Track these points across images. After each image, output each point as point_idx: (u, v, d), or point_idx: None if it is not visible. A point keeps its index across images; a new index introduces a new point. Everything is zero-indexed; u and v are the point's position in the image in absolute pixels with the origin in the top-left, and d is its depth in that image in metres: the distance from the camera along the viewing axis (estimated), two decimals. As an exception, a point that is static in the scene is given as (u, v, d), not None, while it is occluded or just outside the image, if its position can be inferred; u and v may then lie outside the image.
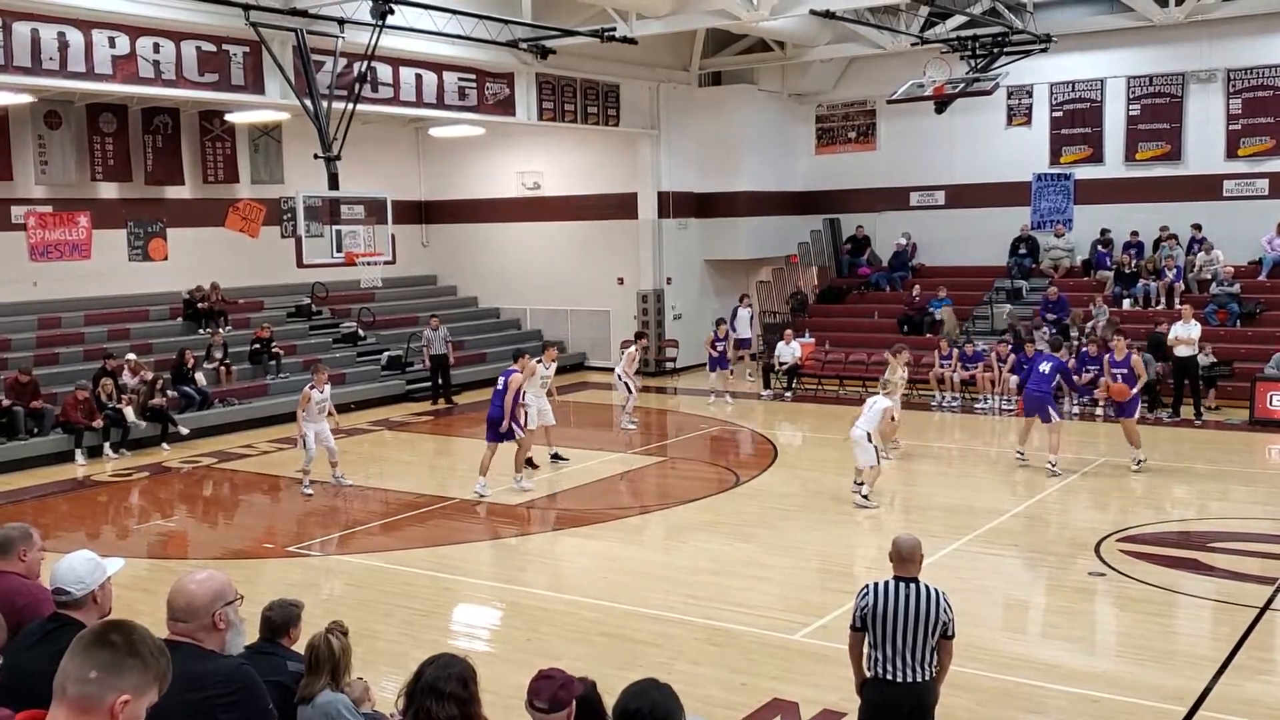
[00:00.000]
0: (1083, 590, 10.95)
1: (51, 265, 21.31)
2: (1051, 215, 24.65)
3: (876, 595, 6.15)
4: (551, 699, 4.07)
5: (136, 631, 2.52)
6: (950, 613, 6.16)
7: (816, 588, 11.20)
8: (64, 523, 14.43)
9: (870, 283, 26.11)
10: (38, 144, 20.93)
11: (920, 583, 6.19)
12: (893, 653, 6.09)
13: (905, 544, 6.30)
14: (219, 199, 23.92)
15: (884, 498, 14.38)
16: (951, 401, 21.19)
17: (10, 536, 5.11)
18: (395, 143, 27.50)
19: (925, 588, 6.17)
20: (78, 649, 2.44)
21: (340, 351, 24.01)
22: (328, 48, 17.28)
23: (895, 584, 6.17)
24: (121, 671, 2.41)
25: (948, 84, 20.18)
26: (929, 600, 6.11)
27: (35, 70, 15.43)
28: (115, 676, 2.40)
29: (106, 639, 2.46)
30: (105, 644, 2.44)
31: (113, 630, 2.49)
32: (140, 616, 2.88)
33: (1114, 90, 23.90)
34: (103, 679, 2.39)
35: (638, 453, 17.89)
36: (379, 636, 9.45)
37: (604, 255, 26.65)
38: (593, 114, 24.04)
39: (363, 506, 15.15)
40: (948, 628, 6.13)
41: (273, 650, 5.20)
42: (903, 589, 6.14)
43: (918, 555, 6.28)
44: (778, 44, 24.84)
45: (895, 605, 6.08)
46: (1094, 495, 14.85)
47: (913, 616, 6.05)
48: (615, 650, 9.27)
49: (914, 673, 6.08)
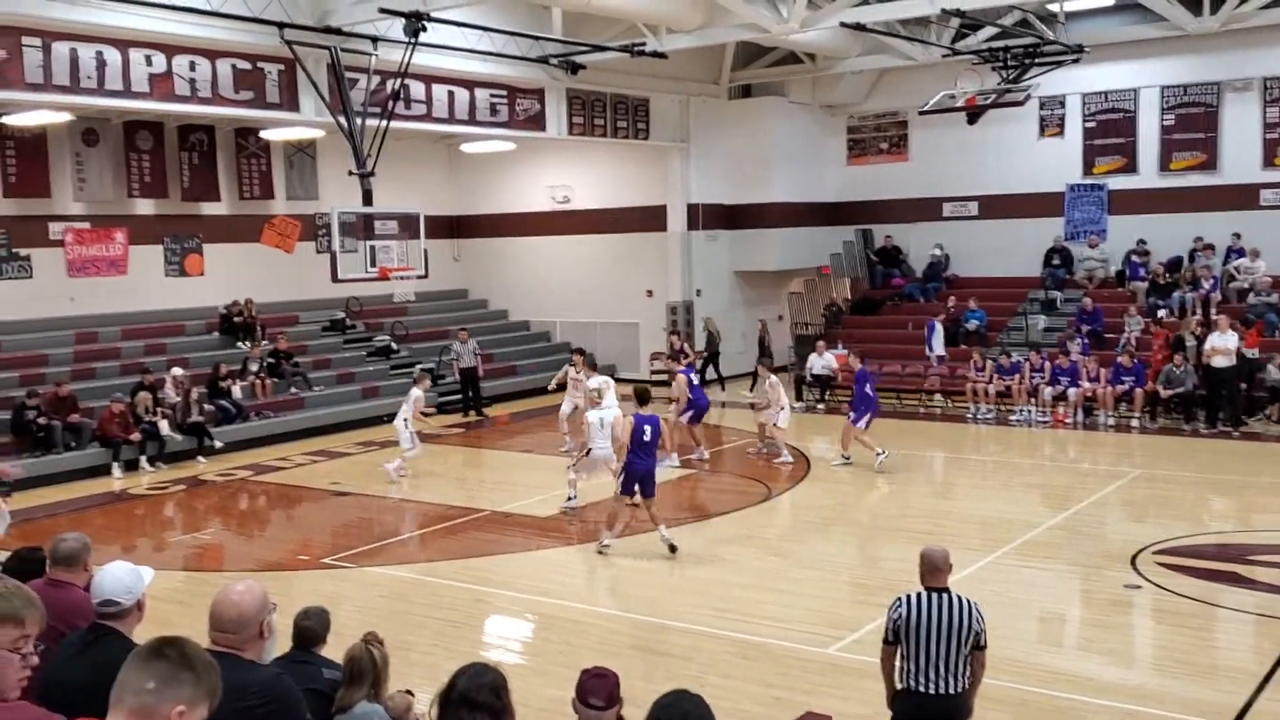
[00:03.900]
0: (1119, 603, 10.85)
1: (89, 281, 21.55)
2: (1085, 226, 24.50)
3: (909, 607, 6.13)
4: (608, 696, 4.21)
5: (190, 646, 2.58)
6: (983, 623, 6.13)
7: (849, 601, 11.16)
8: (101, 536, 14.56)
9: (904, 294, 26.03)
10: (75, 161, 21.20)
11: (952, 593, 6.17)
12: (926, 664, 6.06)
13: (935, 555, 6.28)
14: (254, 215, 24.13)
15: (919, 511, 14.30)
16: (986, 413, 21.08)
17: (74, 549, 5.12)
18: (427, 158, 27.68)
19: (957, 598, 6.15)
20: (135, 662, 2.50)
21: (373, 365, 24.17)
22: (361, 65, 17.44)
23: (927, 595, 6.16)
24: (178, 684, 2.46)
25: (979, 95, 20.11)
26: (961, 610, 6.09)
27: (74, 89, 15.65)
28: (172, 688, 2.45)
29: (163, 652, 2.52)
30: (161, 657, 2.50)
31: (168, 645, 2.55)
32: (176, 628, 2.92)
33: (1148, 100, 23.74)
34: (160, 690, 2.44)
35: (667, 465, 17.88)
36: (411, 648, 9.49)
37: (633, 268, 26.71)
38: (622, 128, 24.12)
39: (395, 518, 15.23)
40: (980, 638, 6.10)
41: (308, 659, 5.24)
42: (935, 600, 6.12)
43: (948, 565, 6.26)
44: (808, 56, 24.84)
45: (928, 616, 6.06)
46: (1130, 507, 14.72)
47: (945, 627, 6.03)
48: (647, 663, 9.27)
49: (947, 684, 6.05)
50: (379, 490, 16.58)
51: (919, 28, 21.61)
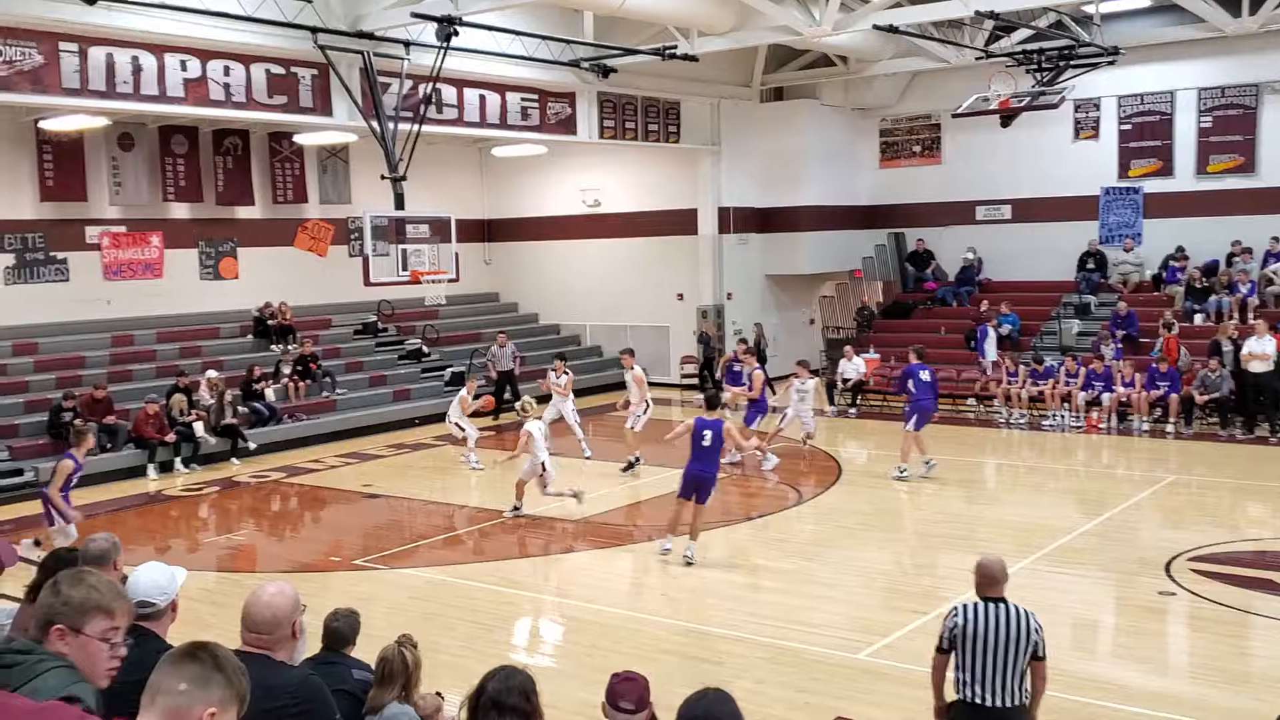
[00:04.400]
0: (1153, 610, 10.75)
1: (125, 284, 21.76)
2: (1120, 229, 24.30)
3: (966, 617, 6.03)
4: (638, 700, 4.20)
5: (221, 650, 2.63)
6: (1041, 632, 6.04)
7: (881, 606, 11.10)
8: (136, 536, 14.70)
9: (936, 298, 25.90)
10: (111, 166, 21.43)
11: (1009, 603, 6.08)
12: (984, 675, 5.96)
13: (993, 564, 6.18)
14: (288, 219, 24.31)
15: (952, 516, 14.21)
16: (1019, 418, 20.94)
17: (104, 549, 5.17)
18: (459, 162, 27.79)
19: (1015, 608, 6.06)
20: (167, 664, 2.54)
21: (405, 368, 24.28)
22: (394, 70, 17.54)
23: (985, 605, 6.06)
24: (209, 686, 2.50)
25: (1013, 98, 19.98)
26: (1020, 621, 5.99)
27: (110, 93, 15.81)
28: (203, 690, 2.49)
29: (195, 655, 2.56)
30: (194, 659, 2.54)
31: (200, 648, 2.60)
32: (210, 628, 2.95)
33: (1184, 102, 23.52)
34: (191, 691, 2.48)
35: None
36: (442, 650, 9.51)
37: (664, 271, 26.71)
38: (654, 131, 24.14)
39: (426, 521, 15.29)
40: (1038, 648, 6.00)
41: (338, 660, 5.26)
42: (993, 610, 6.02)
43: (1004, 575, 6.16)
44: (841, 59, 24.78)
45: (986, 627, 5.96)
46: (1165, 513, 14.58)
47: (1004, 638, 5.94)
48: (677, 667, 9.25)
49: (1006, 697, 5.96)
50: (411, 492, 16.67)
51: (952, 30, 21.50)
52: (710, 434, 12.11)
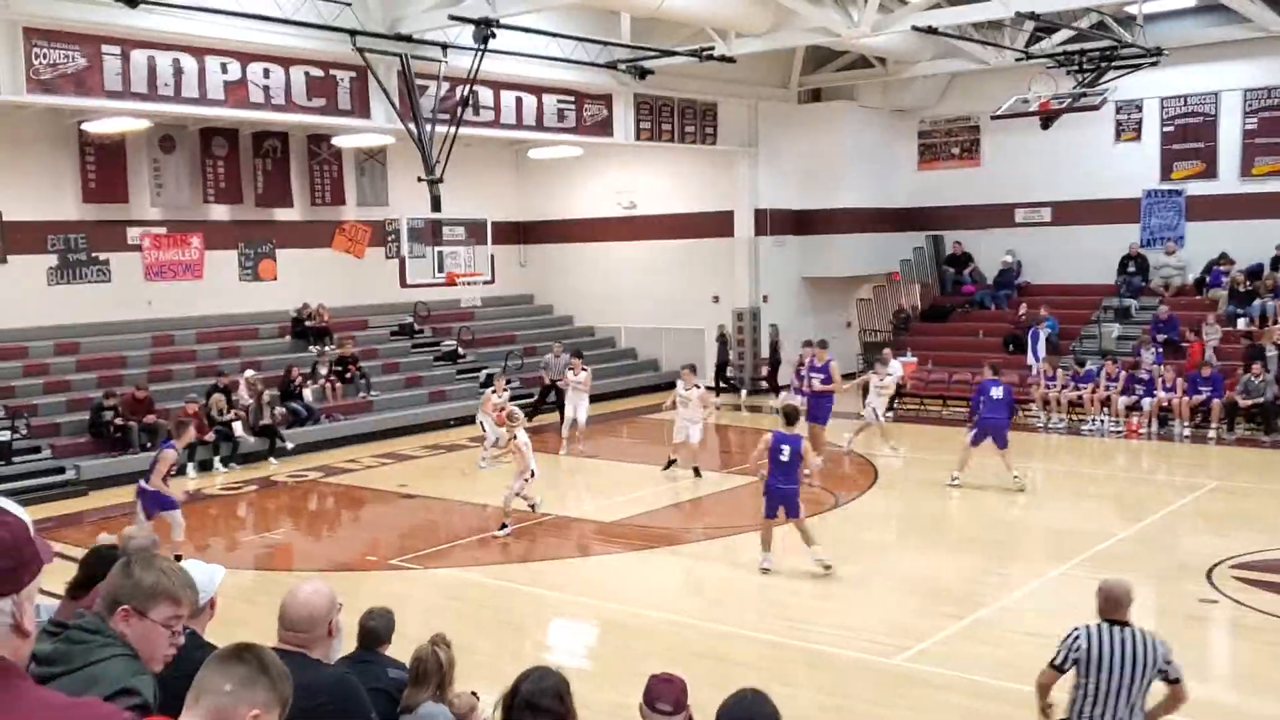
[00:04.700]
0: (1194, 617, 10.61)
1: (165, 285, 21.98)
2: (1162, 232, 24.02)
3: (1090, 640, 5.90)
4: (675, 701, 4.19)
5: (267, 654, 2.65)
6: (1170, 655, 5.88)
7: (916, 611, 11.01)
8: (175, 534, 14.82)
9: (975, 301, 25.72)
10: (153, 167, 21.65)
11: (1135, 627, 5.95)
12: (1103, 700, 5.84)
13: (1118, 588, 6.03)
14: (326, 220, 24.47)
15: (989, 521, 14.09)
16: (1057, 423, 20.74)
17: (143, 545, 5.24)
18: (495, 164, 27.88)
19: (1141, 633, 5.92)
20: (213, 665, 2.57)
21: (440, 369, 24.38)
22: (431, 72, 17.60)
23: (1109, 628, 5.92)
24: (254, 688, 2.53)
25: (1054, 99, 19.78)
26: (1146, 647, 5.85)
27: (151, 96, 15.96)
28: (248, 692, 2.51)
29: (241, 657, 2.59)
30: (240, 661, 2.57)
31: (246, 650, 2.63)
32: (245, 625, 2.96)
33: (1229, 104, 23.21)
34: (236, 692, 2.50)
35: (734, 472, 17.82)
36: (476, 650, 9.52)
37: (699, 273, 26.66)
38: (690, 133, 24.10)
39: (461, 521, 15.33)
40: (1167, 672, 5.85)
41: (373, 659, 5.28)
42: (1118, 634, 5.89)
43: (1129, 599, 6.01)
44: (879, 60, 24.64)
45: (1110, 651, 5.84)
46: (1206, 520, 14.39)
47: (1129, 663, 5.81)
48: (710, 670, 9.21)
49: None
50: (446, 493, 16.72)
51: (992, 31, 21.33)
52: (788, 449, 11.78)
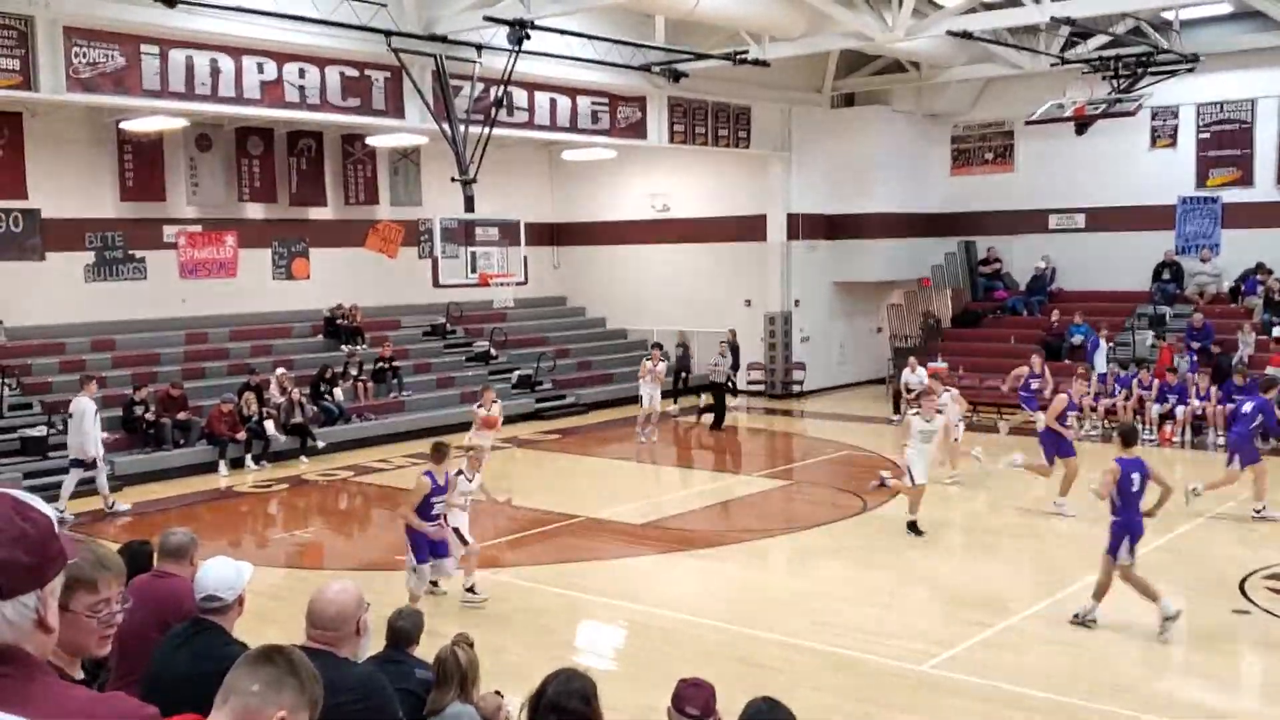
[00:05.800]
0: (1226, 628, 10.51)
1: (200, 283, 22.13)
2: (1197, 240, 23.81)
3: None
4: (704, 706, 4.19)
5: (296, 655, 2.66)
6: None
7: (945, 617, 10.97)
8: (206, 532, 14.89)
9: (1007, 307, 25.57)
10: (189, 166, 21.85)
11: None
12: None
13: None
14: (359, 220, 24.60)
15: (1018, 528, 13.99)
16: (1090, 430, 20.59)
17: (183, 543, 5.29)
18: (528, 165, 27.95)
19: None
20: (243, 665, 2.58)
21: (472, 370, 24.45)
22: (465, 73, 17.68)
23: None
24: (282, 689, 2.53)
25: (1089, 105, 19.65)
26: None
27: (189, 95, 16.12)
28: (276, 692, 2.52)
29: (271, 658, 2.60)
30: (270, 662, 2.58)
31: (277, 652, 2.64)
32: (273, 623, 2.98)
33: (1266, 111, 22.99)
34: (264, 693, 2.51)
35: (763, 475, 17.80)
36: (504, 650, 9.56)
37: (731, 277, 26.65)
38: (723, 136, 24.10)
39: (491, 522, 15.35)
40: None
41: (401, 658, 5.31)
42: None
43: None
44: (913, 65, 24.55)
45: None
46: (1240, 530, 14.24)
47: None
48: (737, 673, 9.20)
49: None
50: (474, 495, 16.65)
51: (1027, 36, 21.22)
52: (1138, 476, 10.20)
